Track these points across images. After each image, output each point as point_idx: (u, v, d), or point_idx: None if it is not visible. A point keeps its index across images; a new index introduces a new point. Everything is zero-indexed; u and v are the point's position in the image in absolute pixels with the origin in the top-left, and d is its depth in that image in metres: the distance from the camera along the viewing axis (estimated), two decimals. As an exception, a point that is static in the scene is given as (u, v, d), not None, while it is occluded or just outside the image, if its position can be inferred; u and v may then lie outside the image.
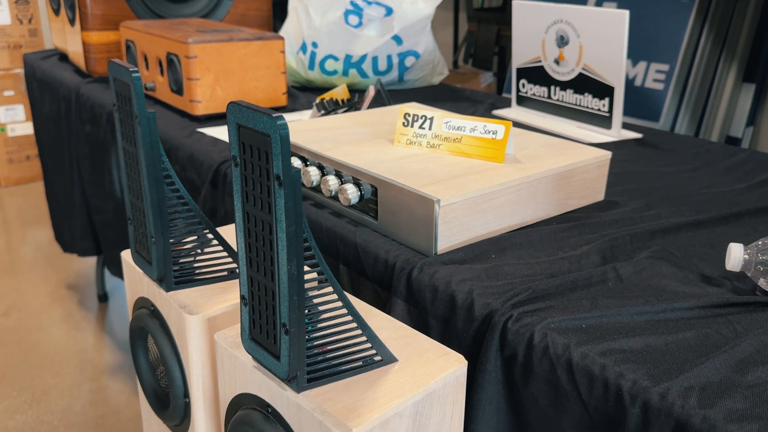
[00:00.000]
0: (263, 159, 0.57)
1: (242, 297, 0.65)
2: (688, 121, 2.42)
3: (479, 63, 2.99)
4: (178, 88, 1.51)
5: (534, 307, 0.74)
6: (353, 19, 1.74)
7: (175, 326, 0.80)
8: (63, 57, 2.23)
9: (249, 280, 0.64)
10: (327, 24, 1.69)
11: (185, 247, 0.82)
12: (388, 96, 1.62)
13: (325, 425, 0.60)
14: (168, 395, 0.89)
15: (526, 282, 0.80)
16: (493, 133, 0.99)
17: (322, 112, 1.43)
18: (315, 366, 0.64)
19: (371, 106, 1.52)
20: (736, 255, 0.77)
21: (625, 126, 1.49)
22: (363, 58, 1.75)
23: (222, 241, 0.82)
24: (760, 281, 0.77)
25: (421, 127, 1.04)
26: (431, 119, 1.03)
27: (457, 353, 0.71)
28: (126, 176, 0.80)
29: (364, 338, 0.66)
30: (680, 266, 0.84)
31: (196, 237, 0.81)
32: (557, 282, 0.79)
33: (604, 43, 1.37)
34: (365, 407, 0.62)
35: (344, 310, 0.64)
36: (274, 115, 0.54)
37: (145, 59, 1.66)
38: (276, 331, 0.62)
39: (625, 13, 1.30)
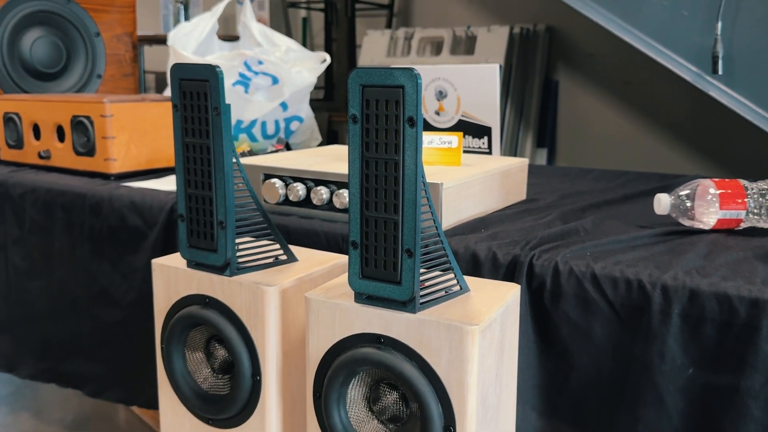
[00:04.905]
0: (392, 108, 0.71)
1: (353, 243, 0.76)
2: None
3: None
4: (88, 150, 1.51)
5: (547, 247, 0.94)
6: (239, 89, 1.87)
7: (245, 307, 0.85)
8: None
9: (363, 222, 0.75)
10: (220, 92, 1.80)
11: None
12: (292, 149, 1.75)
13: (455, 325, 0.72)
14: (216, 392, 0.91)
15: (527, 236, 0.99)
16: (449, 143, 1.19)
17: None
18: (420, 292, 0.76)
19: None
20: (665, 201, 1.04)
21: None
22: (253, 123, 1.88)
23: (273, 229, 0.90)
24: (680, 219, 1.05)
25: (383, 145, 1.21)
26: (392, 137, 1.21)
27: (509, 282, 0.87)
28: (184, 171, 0.85)
29: (450, 269, 0.80)
30: (621, 221, 1.10)
31: (251, 224, 0.88)
32: (551, 232, 0.99)
33: (479, 93, 1.66)
34: (473, 315, 0.75)
35: (440, 243, 0.78)
36: (406, 67, 0.69)
37: (36, 129, 1.62)
38: (397, 258, 0.73)
39: (496, 66, 1.61)
